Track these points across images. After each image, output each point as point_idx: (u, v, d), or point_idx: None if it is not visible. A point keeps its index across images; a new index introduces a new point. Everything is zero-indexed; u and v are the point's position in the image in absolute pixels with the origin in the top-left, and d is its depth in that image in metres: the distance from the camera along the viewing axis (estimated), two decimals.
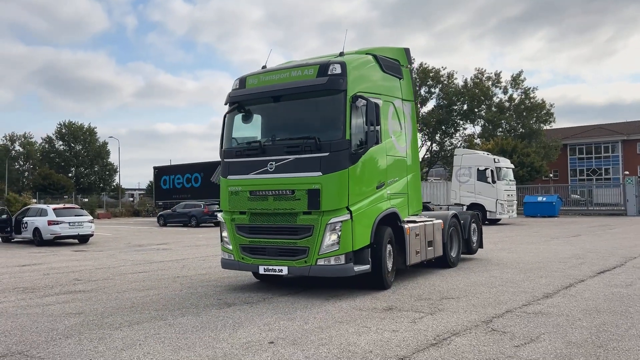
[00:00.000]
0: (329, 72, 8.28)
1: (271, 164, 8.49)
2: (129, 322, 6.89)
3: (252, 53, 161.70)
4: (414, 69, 62.11)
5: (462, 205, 27.85)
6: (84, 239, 20.38)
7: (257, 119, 9.34)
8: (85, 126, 78.83)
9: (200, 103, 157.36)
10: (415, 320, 6.62)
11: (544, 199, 35.05)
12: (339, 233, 8.05)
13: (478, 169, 27.52)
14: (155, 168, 40.06)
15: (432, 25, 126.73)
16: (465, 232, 12.41)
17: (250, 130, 9.38)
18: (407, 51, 10.79)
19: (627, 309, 7.05)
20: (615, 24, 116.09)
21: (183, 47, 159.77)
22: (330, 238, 8.06)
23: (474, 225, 13.01)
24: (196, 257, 14.75)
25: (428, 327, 6.27)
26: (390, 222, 9.21)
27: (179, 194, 36.82)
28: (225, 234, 9.11)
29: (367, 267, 8.45)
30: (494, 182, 27.03)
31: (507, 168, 28.51)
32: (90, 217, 20.78)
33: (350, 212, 8.16)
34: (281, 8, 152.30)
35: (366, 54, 9.50)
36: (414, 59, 62.07)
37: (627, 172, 54.88)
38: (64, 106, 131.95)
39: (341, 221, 8.06)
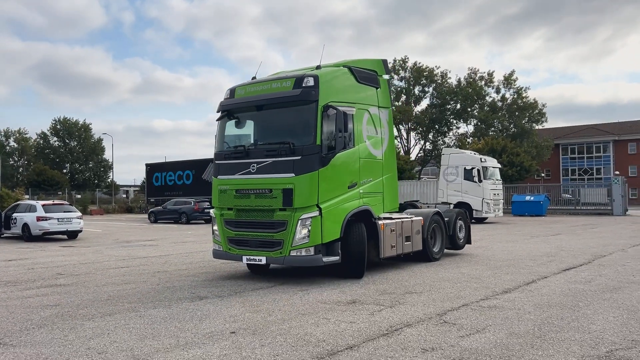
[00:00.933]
0: (303, 85, 9.27)
1: (253, 166, 9.54)
2: (102, 313, 7.21)
3: (250, 50, 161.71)
4: (408, 68, 62.74)
5: (449, 203, 28.22)
6: (72, 235, 20.67)
7: (246, 124, 10.37)
8: (80, 122, 78.88)
9: (198, 99, 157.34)
10: (373, 313, 6.96)
11: (532, 198, 35.46)
12: (309, 228, 9.01)
13: (465, 168, 27.89)
14: (147, 165, 40.33)
15: (430, 23, 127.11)
16: (450, 229, 12.96)
17: (240, 134, 10.42)
18: (384, 62, 11.63)
19: (577, 303, 7.41)
20: (614, 23, 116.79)
21: (180, 43, 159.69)
22: (301, 232, 9.03)
23: (460, 223, 13.54)
24: (180, 253, 15.06)
25: (384, 319, 6.61)
26: (364, 219, 9.96)
27: (171, 190, 37.12)
28: (215, 227, 10.18)
29: (336, 258, 9.39)
30: (480, 181, 27.42)
31: (493, 167, 28.88)
32: (79, 214, 21.06)
33: (320, 209, 9.08)
34: (279, 5, 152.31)
35: (343, 66, 10.40)
36: (406, 58, 62.42)
37: (617, 172, 55.28)
38: (61, 102, 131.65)
39: (311, 217, 9.01)
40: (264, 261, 9.52)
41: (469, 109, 60.76)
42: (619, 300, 7.60)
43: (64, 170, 74.37)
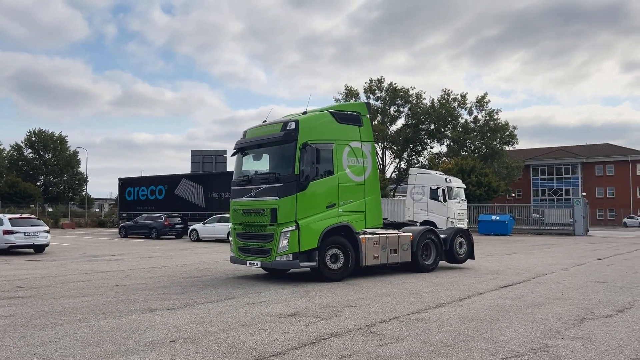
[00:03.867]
0: (287, 128, 11.78)
1: (253, 191, 12.13)
2: (53, 323, 7.62)
3: (232, 65, 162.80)
4: (384, 88, 64.11)
5: (416, 222, 29.07)
6: (39, 249, 20.80)
7: (252, 158, 12.94)
8: (56, 135, 78.32)
9: (179, 113, 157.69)
10: (309, 325, 7.51)
11: (497, 217, 36.53)
12: (288, 239, 11.38)
13: (431, 188, 28.78)
14: (120, 179, 40.42)
15: (411, 44, 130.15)
16: (446, 245, 14.36)
17: (248, 166, 12.98)
18: (367, 104, 14.16)
19: (498, 317, 8.07)
20: (589, 49, 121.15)
21: (162, 57, 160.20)
22: (283, 242, 11.45)
23: (460, 240, 14.91)
24: (143, 267, 15.42)
25: (316, 330, 7.16)
26: (345, 233, 12.14)
27: (143, 205, 37.25)
28: (231, 239, 13.03)
29: (314, 263, 11.60)
30: (445, 200, 28.30)
31: (458, 188, 29.82)
32: (47, 228, 21.20)
33: (297, 224, 11.44)
34: (261, 22, 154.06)
35: (328, 110, 12.81)
36: (381, 78, 63.77)
37: (584, 194, 57.12)
38: (38, 113, 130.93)
39: (290, 231, 11.40)
40: (259, 265, 12.12)
41: (443, 129, 62.17)
42: (537, 314, 8.28)
43: (38, 183, 73.60)
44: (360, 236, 12.23)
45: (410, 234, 13.53)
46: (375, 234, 12.66)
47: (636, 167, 72.01)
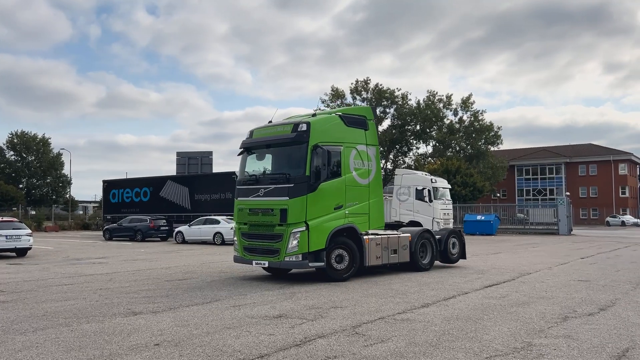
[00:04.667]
0: (298, 129, 11.85)
1: (261, 191, 12.12)
2: (35, 328, 7.51)
3: (217, 66, 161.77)
4: (370, 89, 64.29)
5: (402, 222, 29.18)
6: (21, 252, 20.50)
7: (258, 158, 12.90)
8: (39, 136, 77.27)
9: (164, 115, 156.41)
10: (294, 326, 7.49)
11: (483, 217, 36.83)
12: (298, 239, 11.48)
13: (416, 189, 28.84)
14: (104, 182, 40.01)
15: (397, 45, 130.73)
16: (441, 245, 14.81)
17: (255, 166, 12.97)
18: (373, 109, 14.56)
19: (482, 316, 8.12)
20: (573, 50, 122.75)
21: (146, 58, 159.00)
22: (292, 242, 11.53)
23: (453, 240, 15.43)
24: (127, 270, 15.27)
25: (302, 332, 7.14)
26: (350, 234, 12.32)
27: (128, 208, 36.89)
28: (235, 238, 12.94)
29: (322, 264, 11.74)
30: (430, 201, 28.39)
31: (444, 188, 29.91)
32: (29, 231, 20.92)
33: (307, 225, 11.54)
34: (247, 23, 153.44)
35: (336, 113, 12.99)
36: (367, 79, 63.95)
37: (568, 194, 57.76)
38: (21, 115, 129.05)
39: (300, 231, 11.49)
40: (266, 264, 12.09)
41: (428, 130, 62.53)
42: (521, 313, 8.35)
43: (20, 186, 72.52)
44: (364, 237, 12.45)
45: (409, 234, 13.86)
46: (377, 234, 12.91)
47: (618, 167, 73.13)
